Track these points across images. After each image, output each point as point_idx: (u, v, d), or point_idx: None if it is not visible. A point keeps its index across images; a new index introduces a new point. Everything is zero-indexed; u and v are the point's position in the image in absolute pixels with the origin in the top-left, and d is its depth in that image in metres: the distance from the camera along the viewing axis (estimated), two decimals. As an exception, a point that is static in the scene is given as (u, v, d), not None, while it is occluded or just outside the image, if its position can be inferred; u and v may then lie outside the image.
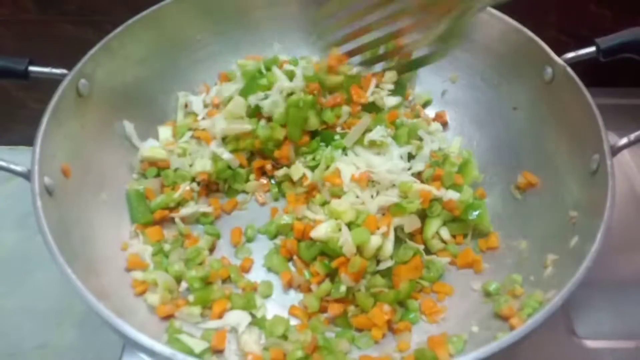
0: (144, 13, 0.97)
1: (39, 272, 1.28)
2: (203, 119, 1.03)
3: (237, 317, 0.84)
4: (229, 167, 1.00)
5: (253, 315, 0.86)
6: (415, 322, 0.87)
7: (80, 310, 1.22)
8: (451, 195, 0.91)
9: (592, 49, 0.89)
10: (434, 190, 0.90)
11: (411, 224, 0.89)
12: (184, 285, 0.87)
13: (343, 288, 0.84)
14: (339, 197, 0.90)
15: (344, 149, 0.96)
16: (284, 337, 0.83)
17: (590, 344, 0.93)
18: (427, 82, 1.12)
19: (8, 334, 1.22)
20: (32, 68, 0.86)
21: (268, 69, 1.03)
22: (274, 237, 0.96)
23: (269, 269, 0.93)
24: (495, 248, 0.95)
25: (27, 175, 0.78)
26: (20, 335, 1.22)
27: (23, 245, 1.33)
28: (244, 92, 1.01)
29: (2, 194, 1.42)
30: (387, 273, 0.88)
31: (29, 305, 1.25)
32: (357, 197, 0.90)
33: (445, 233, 0.94)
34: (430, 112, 1.11)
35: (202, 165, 0.97)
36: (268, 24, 1.11)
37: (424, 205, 0.89)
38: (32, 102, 1.37)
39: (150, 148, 0.99)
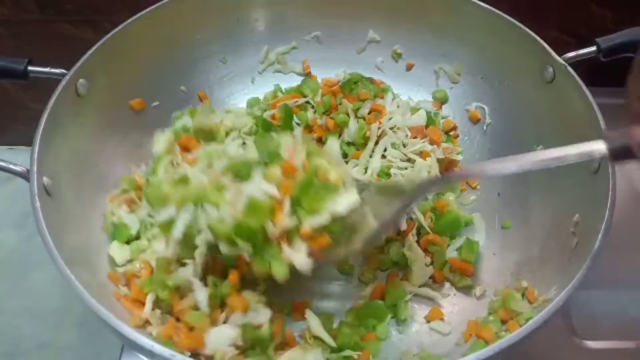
0: (143, 13, 0.96)
1: (38, 272, 1.27)
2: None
3: None
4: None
5: None
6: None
7: (80, 310, 1.22)
8: None
9: (593, 48, 0.89)
10: None
11: None
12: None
13: None
14: None
15: None
16: None
17: (591, 344, 0.93)
18: (428, 83, 1.12)
19: (8, 334, 1.21)
20: (31, 68, 0.86)
21: None
22: None
23: None
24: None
25: (26, 176, 0.78)
26: (19, 335, 1.21)
27: (23, 245, 1.33)
28: None
29: (2, 194, 1.42)
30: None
31: (29, 305, 1.25)
32: None
33: None
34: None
35: None
36: (268, 23, 1.10)
37: None
38: (31, 102, 1.37)
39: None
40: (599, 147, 0.66)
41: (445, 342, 0.86)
